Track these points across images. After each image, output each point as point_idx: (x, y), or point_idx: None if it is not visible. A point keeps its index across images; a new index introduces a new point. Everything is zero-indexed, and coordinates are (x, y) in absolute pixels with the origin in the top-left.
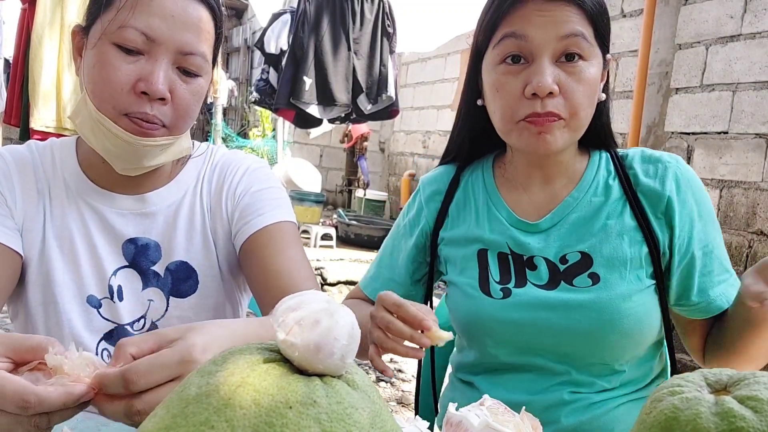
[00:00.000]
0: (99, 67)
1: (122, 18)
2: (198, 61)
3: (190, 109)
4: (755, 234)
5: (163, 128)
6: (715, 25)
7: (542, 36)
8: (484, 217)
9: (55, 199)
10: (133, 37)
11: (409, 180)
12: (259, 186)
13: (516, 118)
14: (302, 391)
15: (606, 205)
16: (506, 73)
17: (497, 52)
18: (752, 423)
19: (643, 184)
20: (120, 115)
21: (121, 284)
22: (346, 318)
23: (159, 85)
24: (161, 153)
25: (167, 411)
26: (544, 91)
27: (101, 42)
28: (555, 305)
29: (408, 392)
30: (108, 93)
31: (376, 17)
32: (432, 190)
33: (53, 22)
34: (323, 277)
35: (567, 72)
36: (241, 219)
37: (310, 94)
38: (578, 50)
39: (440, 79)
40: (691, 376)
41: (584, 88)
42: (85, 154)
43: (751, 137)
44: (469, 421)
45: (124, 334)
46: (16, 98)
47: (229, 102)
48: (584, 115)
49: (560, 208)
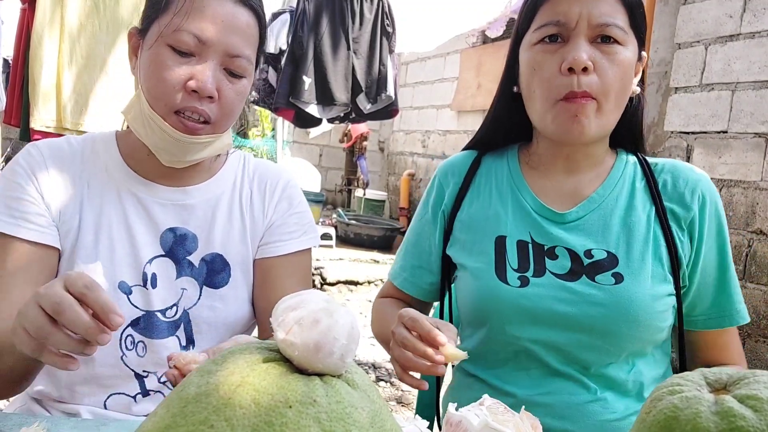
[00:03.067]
0: (154, 67)
1: (177, 22)
2: (243, 63)
3: (234, 107)
4: (755, 233)
5: (208, 126)
6: (714, 24)
7: (579, 20)
8: (507, 201)
9: (94, 187)
10: (187, 39)
11: (408, 179)
12: (299, 208)
13: (554, 95)
14: (302, 390)
15: (632, 207)
16: (543, 51)
17: (536, 35)
18: (752, 422)
19: (671, 194)
20: (170, 113)
21: (155, 272)
22: (345, 317)
23: (208, 84)
24: (204, 149)
25: (167, 410)
26: (579, 65)
27: (157, 44)
28: (575, 297)
29: (408, 392)
30: (161, 90)
31: (376, 17)
32: (451, 174)
33: (53, 22)
34: (323, 277)
35: (602, 51)
36: (272, 235)
37: (309, 94)
38: (612, 35)
39: (440, 78)
40: (691, 375)
41: (618, 69)
42: (127, 146)
43: (750, 137)
44: (469, 420)
45: (153, 322)
46: (16, 98)
47: None
48: (615, 99)
49: (587, 203)
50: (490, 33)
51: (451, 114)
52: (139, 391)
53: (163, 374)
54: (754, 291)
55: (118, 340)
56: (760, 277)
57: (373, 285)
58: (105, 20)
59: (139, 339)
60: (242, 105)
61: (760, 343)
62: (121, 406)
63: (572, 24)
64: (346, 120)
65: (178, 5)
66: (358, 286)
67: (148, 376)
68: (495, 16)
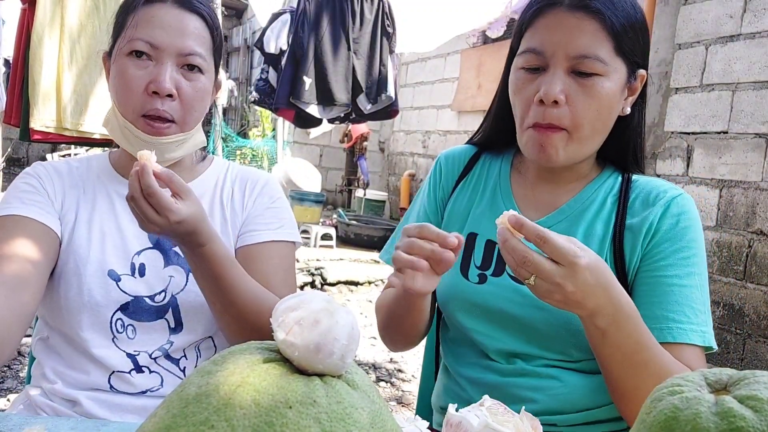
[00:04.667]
0: (119, 77)
1: (131, 33)
2: (197, 60)
3: (195, 103)
4: (755, 234)
5: (174, 125)
6: (714, 24)
7: (556, 51)
8: (488, 203)
9: (89, 192)
10: (141, 46)
11: (408, 180)
12: (278, 204)
13: (526, 123)
14: (302, 390)
15: (597, 220)
16: (524, 78)
17: (520, 60)
18: (752, 423)
19: (637, 208)
20: (138, 117)
21: (143, 262)
22: (345, 318)
23: (165, 83)
24: (177, 148)
25: (167, 411)
26: (548, 99)
27: (119, 57)
28: (524, 300)
29: (408, 392)
30: (127, 97)
31: (376, 17)
32: (452, 162)
33: (53, 22)
34: (323, 277)
35: (579, 84)
36: (249, 225)
37: (309, 94)
38: (589, 70)
39: (440, 79)
40: (691, 375)
41: (593, 102)
42: (116, 156)
43: (750, 137)
44: (469, 421)
45: (142, 306)
46: (16, 98)
47: (229, 102)
48: (590, 128)
49: (556, 214)
50: (490, 33)
51: (451, 114)
52: (133, 367)
53: (154, 351)
54: (755, 291)
55: (109, 323)
56: (760, 278)
57: (373, 285)
58: (105, 20)
59: (128, 323)
60: (204, 102)
61: (761, 343)
62: (120, 382)
63: (549, 54)
64: (346, 120)
65: (132, 21)
66: (358, 287)
67: (139, 354)
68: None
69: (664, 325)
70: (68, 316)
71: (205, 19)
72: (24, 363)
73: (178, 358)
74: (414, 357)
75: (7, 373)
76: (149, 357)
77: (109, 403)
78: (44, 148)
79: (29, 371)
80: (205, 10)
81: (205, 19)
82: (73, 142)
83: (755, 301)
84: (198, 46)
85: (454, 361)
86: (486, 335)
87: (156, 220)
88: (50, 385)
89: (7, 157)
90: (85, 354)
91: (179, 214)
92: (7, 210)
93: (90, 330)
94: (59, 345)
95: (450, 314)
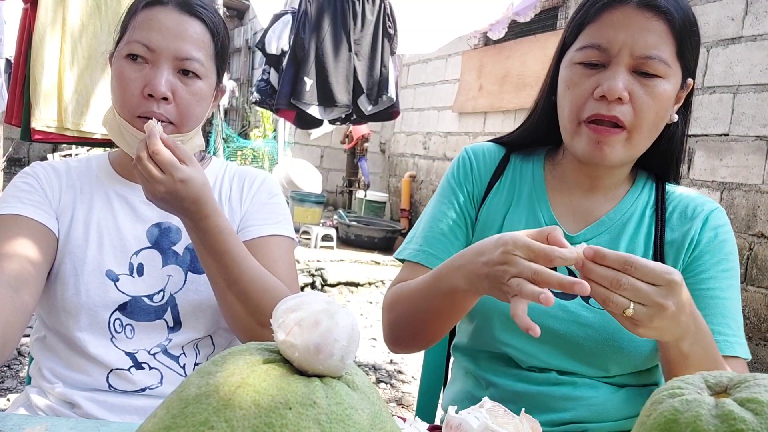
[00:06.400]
0: (116, 79)
1: (129, 36)
2: (195, 65)
3: (191, 108)
4: (756, 236)
5: (171, 125)
6: (715, 27)
7: (622, 48)
8: (524, 212)
9: (86, 192)
10: (137, 48)
11: (409, 181)
12: (275, 200)
13: (581, 117)
14: (302, 392)
15: (638, 233)
16: (581, 73)
17: (578, 56)
18: (752, 425)
19: (676, 223)
20: (134, 118)
21: (142, 262)
22: (346, 319)
23: (160, 87)
24: None
25: (167, 411)
26: (613, 95)
27: (118, 59)
28: (567, 315)
29: (408, 393)
30: (124, 98)
31: (377, 18)
32: (483, 158)
33: (55, 22)
34: (323, 278)
35: (641, 84)
36: (248, 220)
37: (310, 95)
38: (652, 71)
39: (441, 80)
40: (691, 378)
41: (655, 103)
42: (116, 156)
43: (751, 139)
44: (469, 423)
45: (140, 306)
46: (17, 98)
47: (230, 102)
48: (647, 130)
49: (596, 226)
50: (491, 35)
51: (452, 116)
52: (132, 364)
53: (153, 347)
54: (755, 294)
55: (107, 323)
56: (761, 281)
57: (373, 286)
58: (107, 21)
59: (126, 322)
60: (202, 107)
61: (761, 346)
62: (119, 380)
63: (614, 51)
64: (347, 121)
65: (132, 24)
66: (358, 288)
67: (138, 351)
68: (497, 17)
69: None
70: (65, 316)
71: (206, 23)
72: (24, 363)
73: (178, 355)
74: (414, 358)
75: (7, 373)
76: (148, 353)
77: (108, 404)
78: (45, 148)
79: (29, 371)
80: (207, 15)
81: (207, 23)
82: (74, 142)
83: (756, 304)
84: (196, 51)
85: (476, 367)
86: (522, 350)
87: (160, 178)
88: (50, 386)
89: (8, 156)
90: (83, 354)
91: (183, 172)
92: (5, 209)
93: (88, 330)
94: (56, 345)
95: (485, 325)
